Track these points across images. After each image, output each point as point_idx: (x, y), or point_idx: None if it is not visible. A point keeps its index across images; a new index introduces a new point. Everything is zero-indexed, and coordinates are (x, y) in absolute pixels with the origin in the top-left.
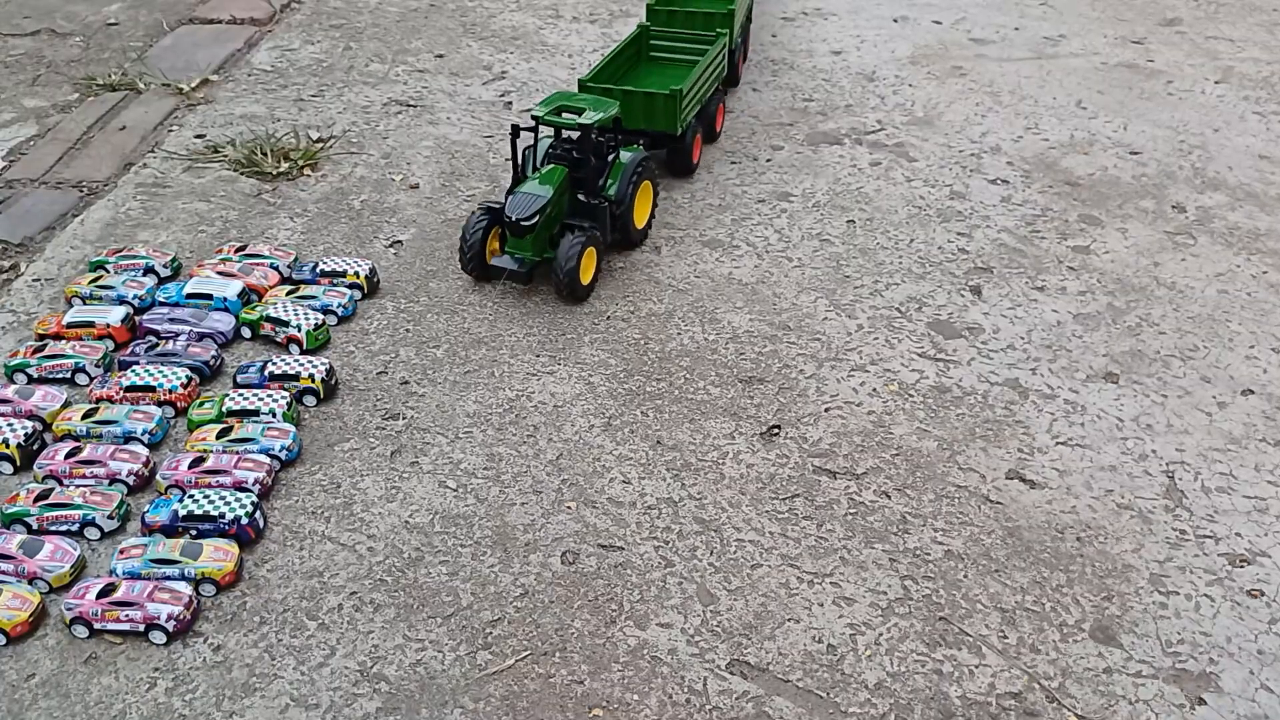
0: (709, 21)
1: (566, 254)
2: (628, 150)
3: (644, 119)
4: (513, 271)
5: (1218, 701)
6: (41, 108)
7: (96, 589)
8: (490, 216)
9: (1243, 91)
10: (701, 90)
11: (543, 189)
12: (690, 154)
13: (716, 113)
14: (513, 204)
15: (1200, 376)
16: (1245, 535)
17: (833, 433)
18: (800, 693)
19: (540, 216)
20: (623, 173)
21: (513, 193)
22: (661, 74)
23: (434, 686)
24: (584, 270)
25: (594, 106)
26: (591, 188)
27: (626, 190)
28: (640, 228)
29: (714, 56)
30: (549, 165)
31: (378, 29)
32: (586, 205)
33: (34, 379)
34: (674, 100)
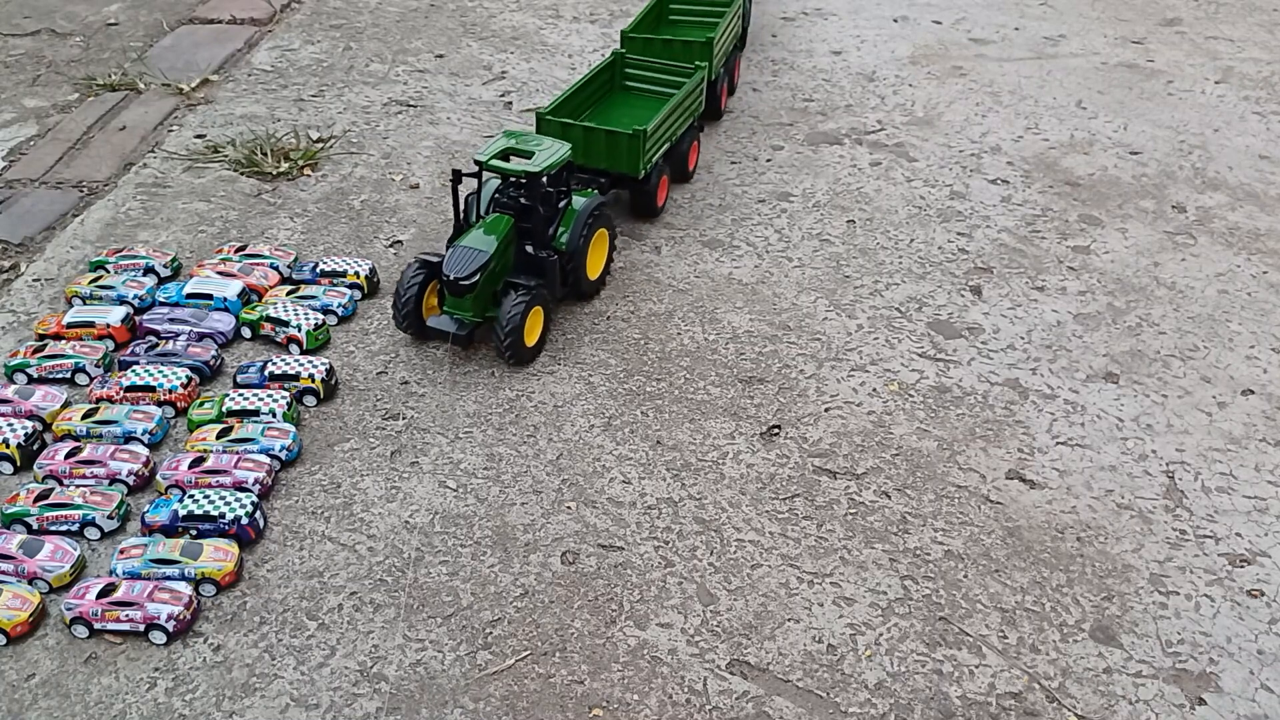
0: (687, 52)
1: (508, 316)
2: (582, 195)
3: (605, 158)
4: (452, 334)
5: (1218, 701)
6: (42, 108)
7: (96, 589)
8: (427, 270)
9: (1243, 91)
10: (672, 128)
11: (485, 242)
12: (655, 197)
13: (689, 151)
14: (451, 260)
15: (1200, 376)
16: (1245, 535)
17: (833, 433)
18: (800, 693)
19: (481, 274)
20: (575, 221)
21: (453, 245)
22: (633, 107)
23: (434, 686)
24: (529, 332)
25: (545, 149)
26: (540, 239)
27: (579, 241)
28: (593, 279)
29: (689, 92)
30: (493, 214)
31: (378, 29)
32: (534, 259)
33: (34, 379)
34: (638, 141)
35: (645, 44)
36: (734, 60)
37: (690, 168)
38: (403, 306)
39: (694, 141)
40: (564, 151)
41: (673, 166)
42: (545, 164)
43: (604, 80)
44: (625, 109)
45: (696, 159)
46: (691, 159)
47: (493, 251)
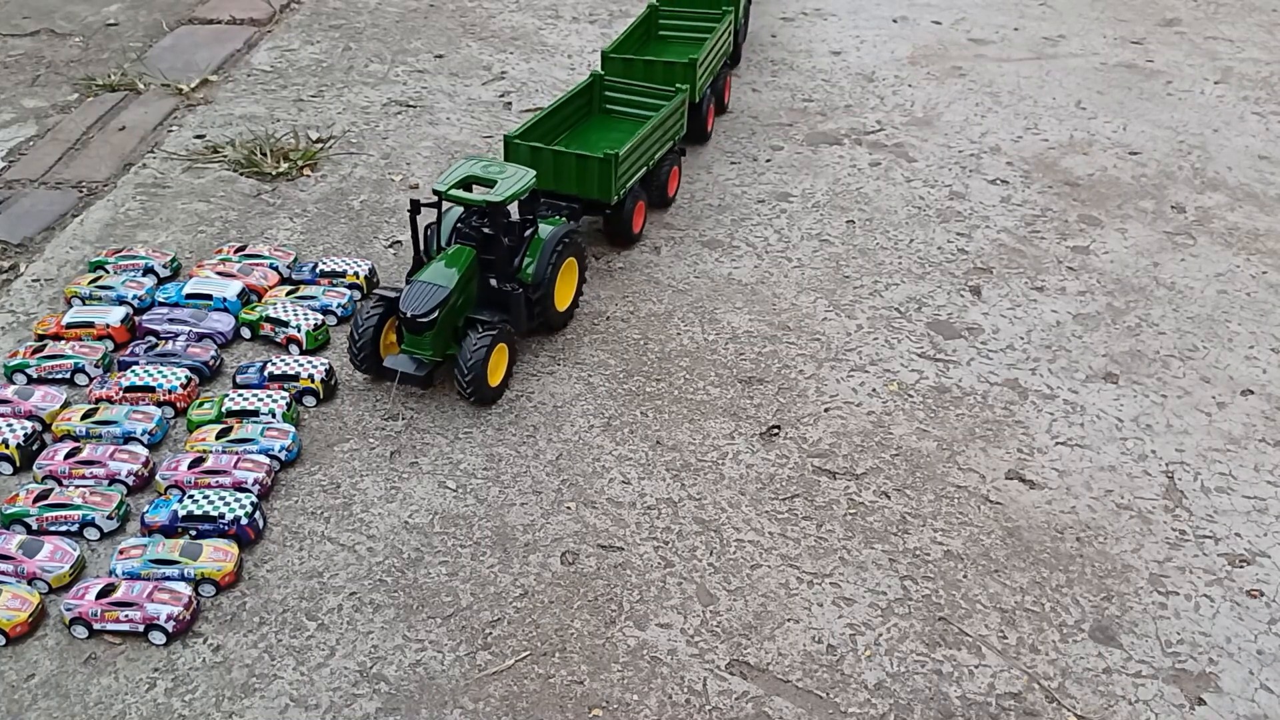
0: (670, 74)
1: (470, 356)
2: (549, 223)
3: (577, 184)
4: (409, 375)
5: (1217, 701)
6: (41, 108)
7: (96, 589)
8: (385, 306)
9: (1242, 92)
10: (649, 153)
11: (445, 277)
12: (630, 224)
13: (669, 177)
14: (409, 296)
15: (1200, 377)
16: (1245, 535)
17: (832, 433)
18: (800, 693)
19: (441, 311)
20: (542, 251)
21: (412, 280)
22: (612, 130)
23: (434, 687)
24: (492, 371)
25: (508, 177)
26: (504, 271)
27: (546, 271)
28: (562, 310)
29: (668, 115)
30: (455, 246)
31: (377, 29)
32: (498, 292)
33: (33, 379)
34: (609, 166)
35: (625, 65)
36: (723, 79)
37: (670, 194)
38: (359, 345)
39: (674, 167)
40: (528, 179)
41: (651, 192)
42: (508, 193)
43: (582, 103)
44: (603, 133)
45: (678, 184)
46: (671, 184)
47: (453, 286)
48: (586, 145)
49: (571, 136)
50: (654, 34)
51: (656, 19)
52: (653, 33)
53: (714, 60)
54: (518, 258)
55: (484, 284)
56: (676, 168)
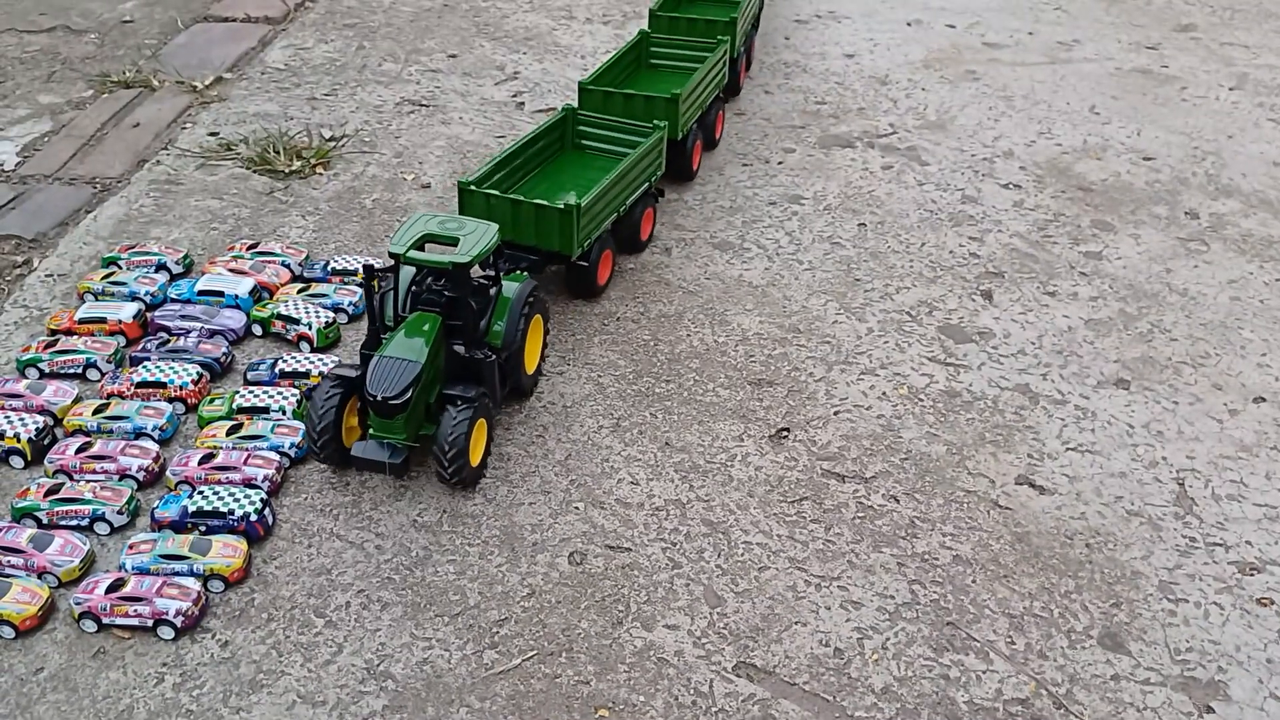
0: (650, 109)
1: (451, 435)
2: (512, 279)
3: (536, 234)
4: (383, 463)
5: (1226, 710)
6: (56, 104)
7: (105, 584)
8: (344, 387)
9: (1257, 98)
10: (619, 198)
11: (413, 350)
12: (595, 277)
13: (642, 220)
14: (377, 376)
15: (1212, 384)
16: (1255, 543)
17: (842, 436)
18: (806, 696)
19: (414, 390)
20: (509, 311)
21: (372, 352)
22: (586, 169)
23: (440, 685)
24: (473, 450)
25: (470, 233)
26: (472, 337)
27: (515, 333)
28: (530, 372)
29: (641, 156)
30: (415, 313)
31: (391, 28)
32: (468, 360)
33: (46, 374)
34: (569, 218)
35: (604, 99)
36: (714, 113)
37: (644, 238)
38: (319, 433)
39: (648, 209)
40: (492, 235)
41: (622, 237)
42: (475, 252)
43: (554, 138)
44: (577, 171)
45: (652, 228)
46: (645, 228)
47: (424, 361)
48: (557, 185)
49: (541, 177)
50: (644, 62)
51: (648, 46)
52: (643, 61)
53: (702, 94)
54: (484, 319)
55: (450, 352)
56: (651, 209)
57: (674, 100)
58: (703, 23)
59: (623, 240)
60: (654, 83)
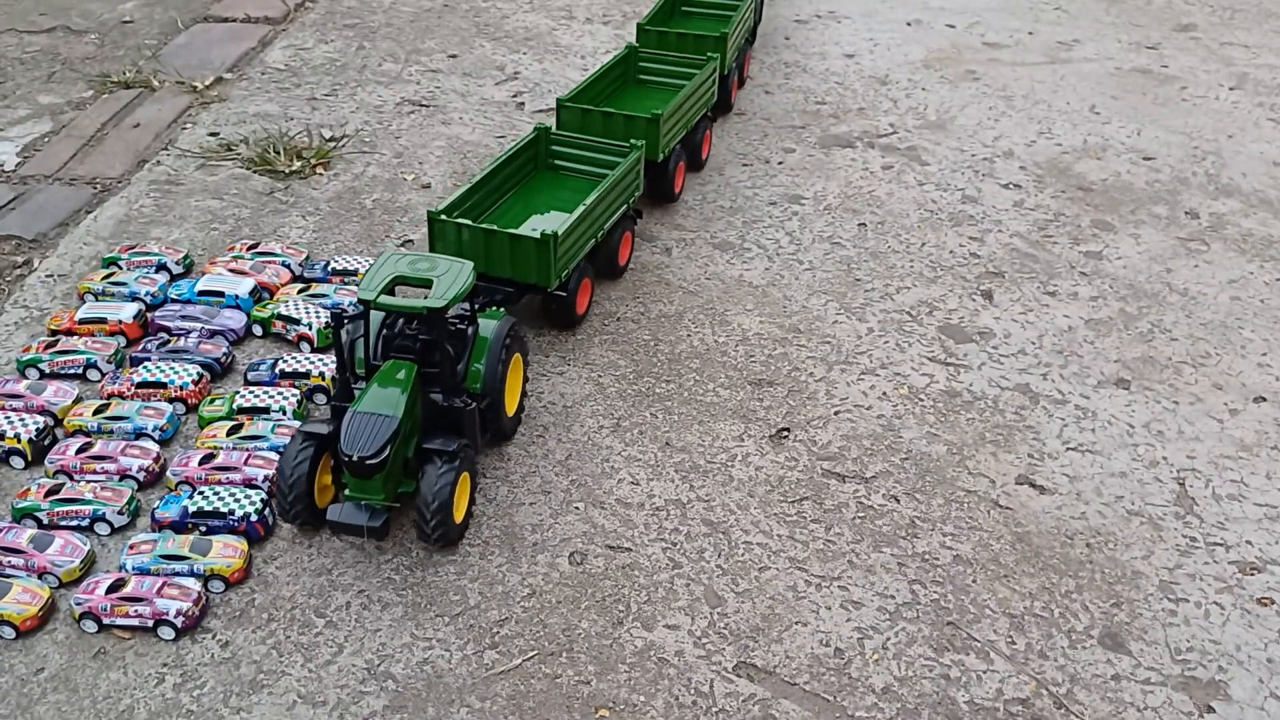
0: (629, 128)
1: (434, 493)
2: (488, 316)
3: (511, 266)
4: (361, 527)
5: (1226, 709)
6: (56, 104)
7: (106, 584)
8: (316, 444)
9: (1257, 98)
10: (598, 223)
11: (389, 403)
12: (574, 305)
13: (620, 244)
14: (352, 434)
15: (1212, 383)
16: (1256, 543)
17: (842, 436)
18: (807, 696)
19: (392, 447)
20: (488, 353)
21: (344, 404)
22: (561, 190)
23: (441, 685)
24: (457, 507)
25: (444, 274)
26: (450, 383)
27: (496, 376)
28: (511, 415)
29: (620, 178)
30: (389, 360)
31: (391, 29)
32: (447, 409)
33: (46, 374)
34: (547, 248)
35: (583, 117)
36: (702, 132)
37: (622, 262)
38: (290, 495)
39: (626, 232)
40: (468, 275)
41: (600, 263)
42: (451, 295)
43: (526, 159)
44: (549, 195)
45: (630, 251)
46: (623, 253)
47: (401, 415)
48: (530, 209)
49: (514, 200)
50: (632, 78)
51: (635, 61)
52: (630, 76)
53: (688, 113)
54: (462, 363)
55: (427, 401)
56: (629, 233)
57: (655, 120)
58: (692, 38)
59: (600, 266)
60: (640, 100)
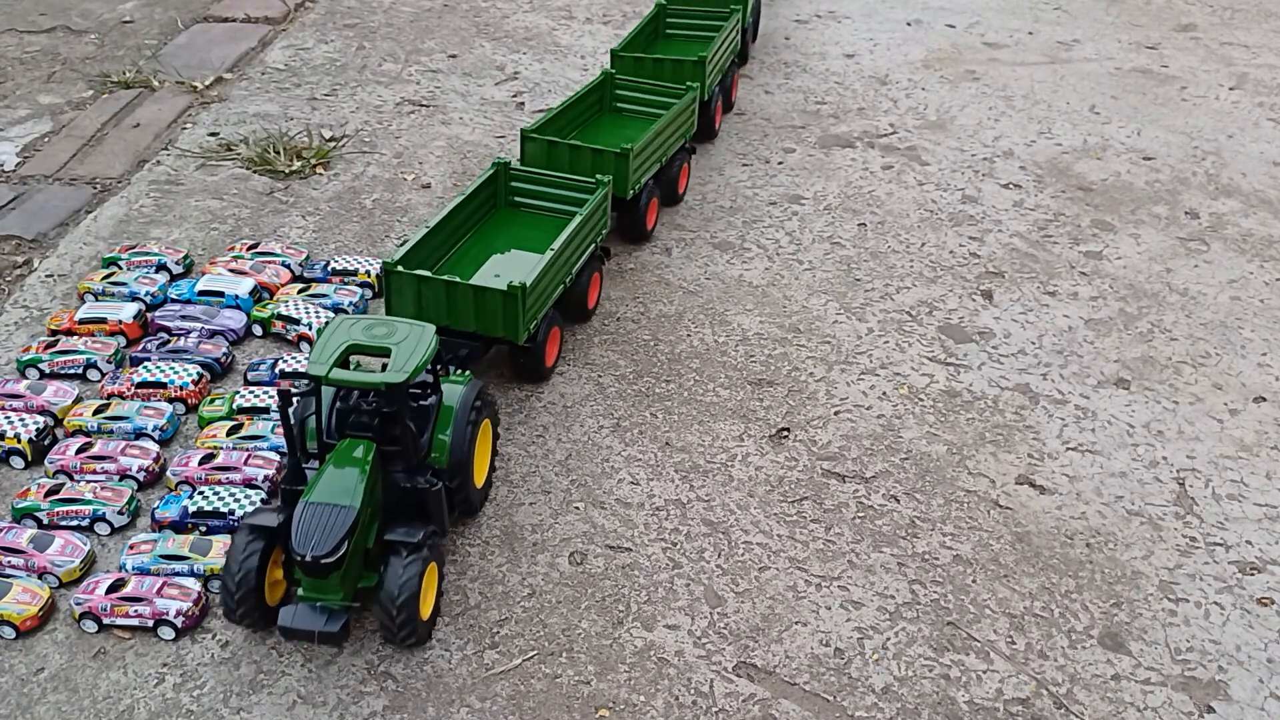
0: (598, 162)
1: (399, 590)
2: (452, 381)
3: (476, 319)
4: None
5: (1226, 710)
6: (56, 104)
7: (106, 584)
8: (265, 539)
9: (1257, 98)
10: (564, 269)
11: (345, 491)
12: (543, 357)
13: (590, 285)
14: (304, 529)
15: (1212, 383)
16: (1256, 543)
17: (842, 436)
18: (807, 696)
19: (349, 543)
20: (454, 423)
21: (295, 488)
22: (525, 228)
23: (441, 685)
24: (424, 601)
25: (403, 341)
26: (413, 460)
27: (463, 448)
28: (480, 486)
29: (587, 217)
30: (345, 440)
31: (391, 29)
32: (409, 490)
33: (46, 374)
34: (514, 301)
35: (548, 150)
36: (679, 165)
37: (591, 305)
38: (237, 595)
39: (595, 273)
40: (429, 341)
41: (568, 308)
42: (412, 367)
43: (485, 198)
44: (511, 236)
45: (599, 292)
46: (592, 295)
47: (359, 505)
48: (489, 250)
49: (475, 241)
50: (608, 106)
51: (611, 89)
52: (606, 105)
53: (662, 146)
54: (426, 435)
55: (388, 481)
56: (598, 274)
57: (624, 155)
58: (670, 63)
59: (569, 311)
60: (616, 131)
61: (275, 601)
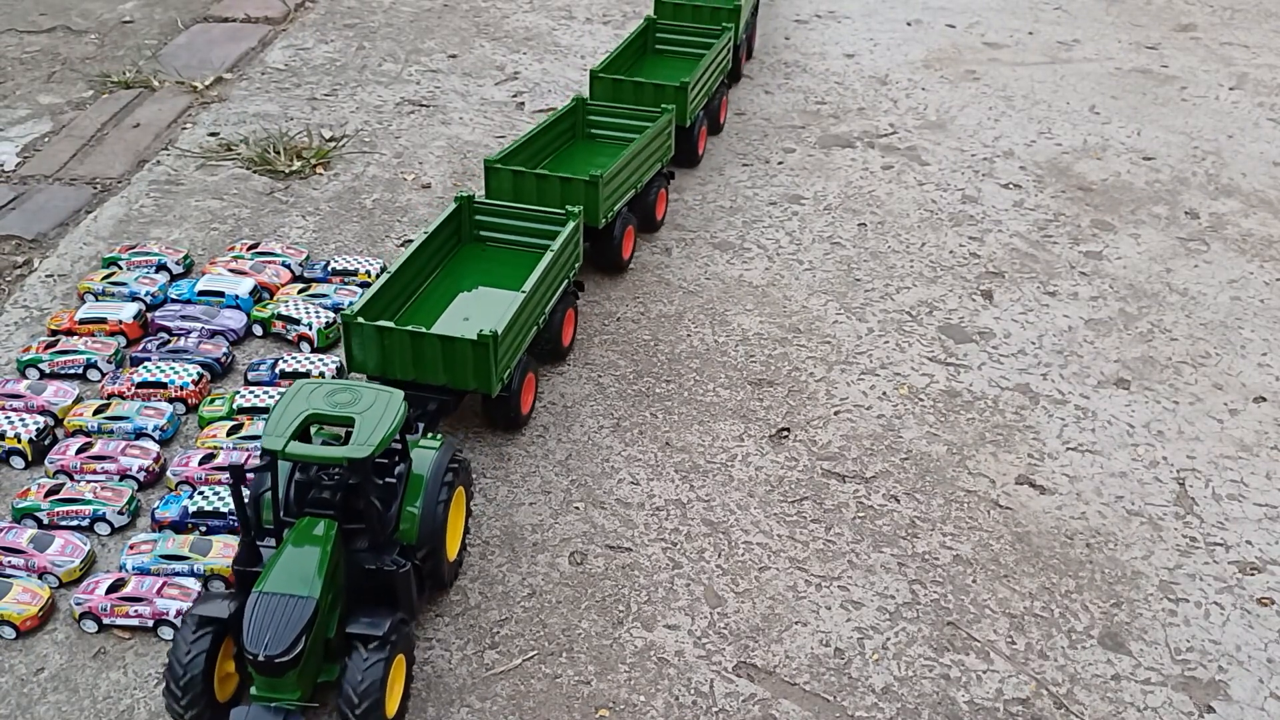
0: (568, 193)
1: (361, 691)
2: (422, 446)
3: (445, 371)
4: None
5: (1226, 709)
6: (56, 104)
7: (106, 584)
8: (214, 631)
9: (1257, 98)
10: (537, 310)
11: (302, 580)
12: (519, 406)
13: (563, 323)
14: (257, 624)
15: (1212, 383)
16: (1256, 543)
17: (842, 436)
18: (807, 696)
19: (307, 639)
20: (425, 494)
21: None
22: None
23: (441, 685)
24: (390, 699)
25: (367, 410)
26: (379, 539)
27: (435, 522)
28: (453, 560)
29: (558, 253)
30: (304, 518)
31: (391, 29)
32: (375, 572)
33: (46, 374)
34: (486, 351)
35: (515, 180)
36: (655, 193)
37: (565, 344)
38: (182, 694)
39: (569, 309)
40: (396, 410)
41: (542, 349)
42: (378, 439)
43: (449, 234)
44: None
45: (574, 330)
46: (566, 333)
47: (318, 595)
48: (457, 287)
49: (441, 280)
50: (581, 132)
51: (584, 113)
52: (580, 130)
53: (636, 173)
54: (392, 508)
55: (350, 562)
56: (572, 310)
57: (594, 183)
58: (651, 87)
59: (543, 352)
60: (589, 158)
61: (227, 696)
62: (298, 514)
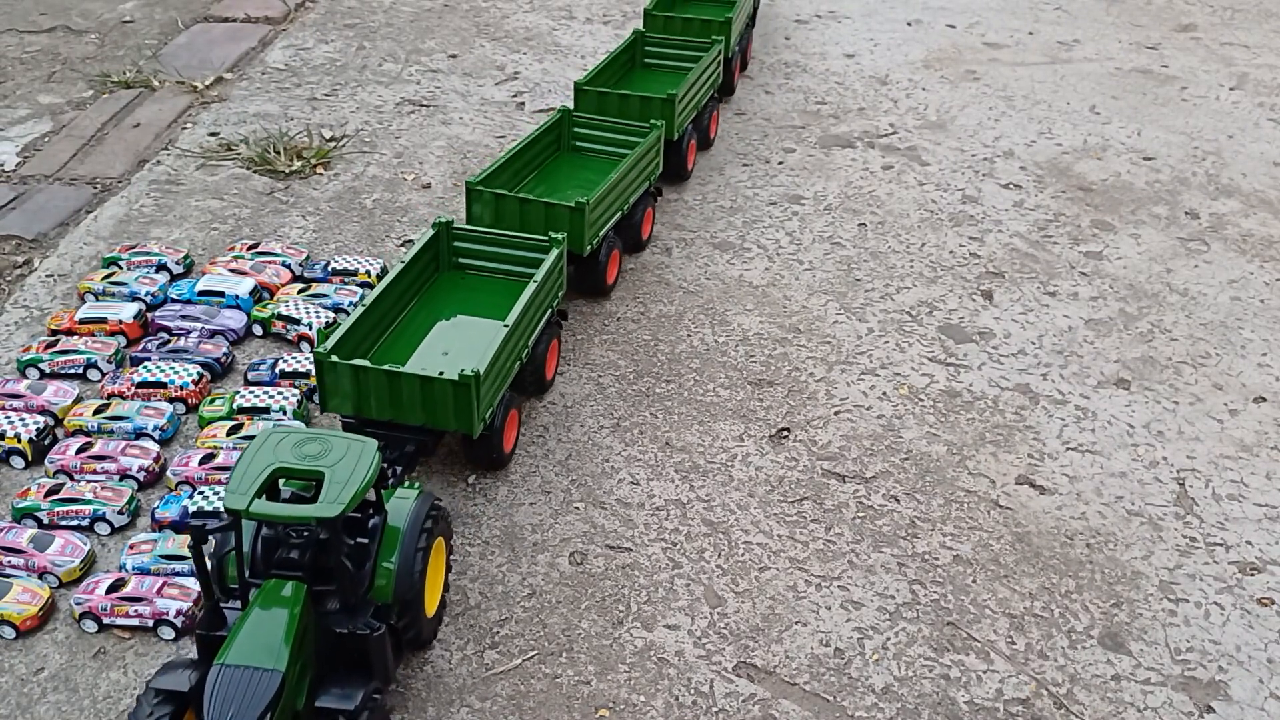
0: (552, 218)
1: None
2: (399, 495)
3: (423, 411)
4: None
5: (1226, 710)
6: (56, 104)
7: (106, 584)
8: (174, 705)
9: (1258, 98)
10: (520, 344)
11: (269, 649)
12: (501, 443)
13: (547, 354)
14: (219, 703)
15: (1212, 383)
16: (1256, 543)
17: (842, 436)
18: (807, 696)
19: (272, 715)
20: (402, 548)
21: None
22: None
23: (441, 685)
24: None
25: (338, 463)
26: (350, 598)
27: (412, 579)
28: (431, 615)
29: (541, 282)
30: (270, 581)
31: (391, 29)
32: (349, 637)
33: (46, 374)
34: (467, 391)
35: (496, 203)
36: (641, 213)
37: (549, 377)
38: None
39: (553, 340)
40: (369, 461)
41: (525, 383)
42: (349, 497)
43: (427, 262)
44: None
45: (557, 362)
46: (550, 365)
47: (284, 667)
48: (435, 315)
49: (418, 309)
50: (566, 145)
51: (569, 127)
52: (564, 144)
53: (623, 194)
54: (366, 565)
55: (321, 626)
56: (556, 340)
57: (580, 210)
58: (638, 100)
59: (526, 386)
60: (575, 173)
61: None
62: (265, 574)
